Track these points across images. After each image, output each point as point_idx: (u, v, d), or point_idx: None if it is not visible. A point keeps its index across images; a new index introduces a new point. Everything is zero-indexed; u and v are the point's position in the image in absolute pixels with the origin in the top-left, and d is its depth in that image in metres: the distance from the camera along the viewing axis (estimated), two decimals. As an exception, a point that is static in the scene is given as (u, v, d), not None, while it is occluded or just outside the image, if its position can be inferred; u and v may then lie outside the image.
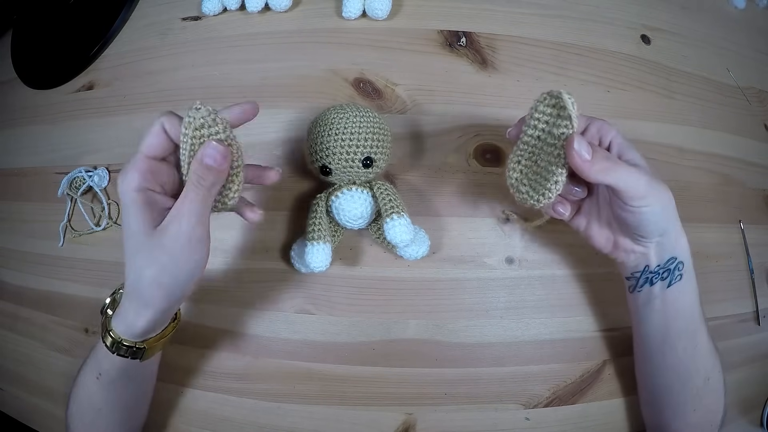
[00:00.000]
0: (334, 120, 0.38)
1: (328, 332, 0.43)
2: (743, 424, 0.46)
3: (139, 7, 0.50)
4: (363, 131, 0.37)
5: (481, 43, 0.46)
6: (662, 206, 0.33)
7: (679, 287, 0.35)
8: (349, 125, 0.37)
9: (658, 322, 0.37)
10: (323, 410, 0.43)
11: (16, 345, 0.49)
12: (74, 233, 0.47)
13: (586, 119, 0.34)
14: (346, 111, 0.38)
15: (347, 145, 0.37)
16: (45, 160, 0.50)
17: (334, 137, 0.37)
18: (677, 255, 0.35)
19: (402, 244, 0.37)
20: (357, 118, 0.38)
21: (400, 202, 0.38)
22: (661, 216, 0.33)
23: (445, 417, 0.42)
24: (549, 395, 0.43)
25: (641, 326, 0.38)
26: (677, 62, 0.49)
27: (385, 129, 0.39)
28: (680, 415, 0.37)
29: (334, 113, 0.38)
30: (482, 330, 0.42)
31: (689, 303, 0.36)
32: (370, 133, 0.37)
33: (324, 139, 0.37)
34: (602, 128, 0.34)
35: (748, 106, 0.51)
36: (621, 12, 0.49)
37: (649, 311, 0.37)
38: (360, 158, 0.37)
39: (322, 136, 0.38)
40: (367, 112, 0.39)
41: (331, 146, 0.37)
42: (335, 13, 0.46)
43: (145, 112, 0.47)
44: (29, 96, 0.52)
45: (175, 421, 0.44)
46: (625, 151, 0.34)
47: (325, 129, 0.38)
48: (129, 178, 0.29)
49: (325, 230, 0.38)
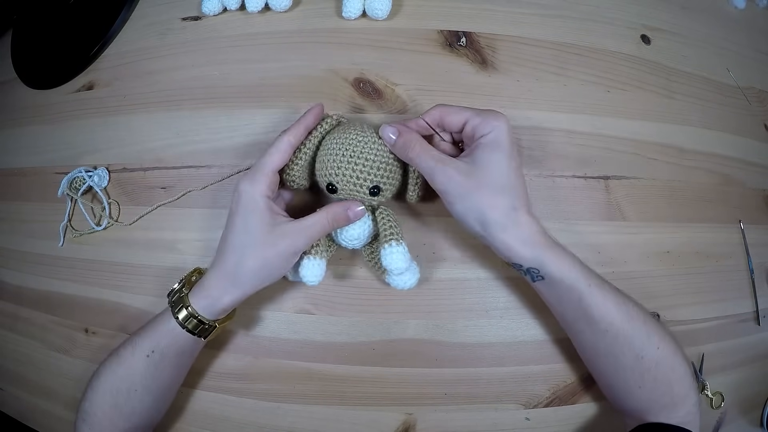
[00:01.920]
0: (351, 142, 0.37)
1: (328, 332, 0.43)
2: (743, 424, 0.46)
3: (139, 7, 0.50)
4: (378, 160, 0.37)
5: (481, 43, 0.46)
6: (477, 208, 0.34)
7: (545, 284, 0.36)
8: (365, 151, 0.37)
9: (551, 306, 0.38)
10: (323, 410, 0.43)
11: (16, 345, 0.49)
12: (75, 233, 0.47)
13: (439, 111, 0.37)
14: (365, 135, 0.37)
15: (359, 170, 0.36)
16: (45, 160, 0.50)
17: (348, 160, 0.36)
18: (522, 262, 0.34)
19: (397, 272, 0.37)
20: (375, 145, 0.37)
21: (400, 230, 0.38)
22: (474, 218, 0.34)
23: (445, 417, 0.42)
24: (549, 395, 0.43)
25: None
26: (677, 62, 0.49)
27: (398, 162, 0.38)
28: (629, 393, 0.37)
29: (353, 134, 0.37)
30: (482, 330, 0.42)
31: (566, 295, 0.35)
32: (384, 164, 0.37)
33: (337, 159, 0.37)
34: (446, 112, 0.36)
35: (748, 106, 0.51)
36: (621, 12, 0.49)
37: (542, 297, 0.38)
38: (369, 186, 0.37)
39: (335, 155, 0.37)
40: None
41: (342, 168, 0.37)
42: (335, 13, 0.46)
43: (145, 112, 0.47)
44: (29, 96, 0.52)
45: (175, 421, 0.44)
46: (480, 130, 0.35)
47: (340, 149, 0.37)
48: (258, 188, 0.35)
49: (323, 246, 0.38)
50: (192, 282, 0.39)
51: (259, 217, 0.35)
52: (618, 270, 0.43)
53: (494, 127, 0.34)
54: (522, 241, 0.34)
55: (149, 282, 0.45)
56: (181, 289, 0.38)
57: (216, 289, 0.36)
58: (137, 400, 0.38)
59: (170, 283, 0.44)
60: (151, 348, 0.37)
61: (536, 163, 0.44)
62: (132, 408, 0.38)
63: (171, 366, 0.38)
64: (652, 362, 0.36)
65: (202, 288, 0.37)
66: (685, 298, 0.45)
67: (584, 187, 0.44)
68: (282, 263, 0.36)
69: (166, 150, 0.46)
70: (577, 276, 0.35)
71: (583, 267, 0.36)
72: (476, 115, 0.35)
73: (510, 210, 0.34)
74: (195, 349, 0.39)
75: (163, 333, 0.37)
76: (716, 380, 0.45)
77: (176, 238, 0.45)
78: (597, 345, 0.37)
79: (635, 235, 0.44)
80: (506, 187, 0.34)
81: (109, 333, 0.46)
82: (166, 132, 0.46)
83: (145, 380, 0.37)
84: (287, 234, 0.35)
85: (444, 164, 0.34)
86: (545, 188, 0.44)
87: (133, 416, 0.38)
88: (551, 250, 0.35)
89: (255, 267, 0.35)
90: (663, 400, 0.36)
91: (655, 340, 0.36)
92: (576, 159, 0.44)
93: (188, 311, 0.36)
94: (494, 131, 0.34)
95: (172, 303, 0.37)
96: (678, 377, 0.36)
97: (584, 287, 0.35)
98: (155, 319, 0.38)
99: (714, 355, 0.45)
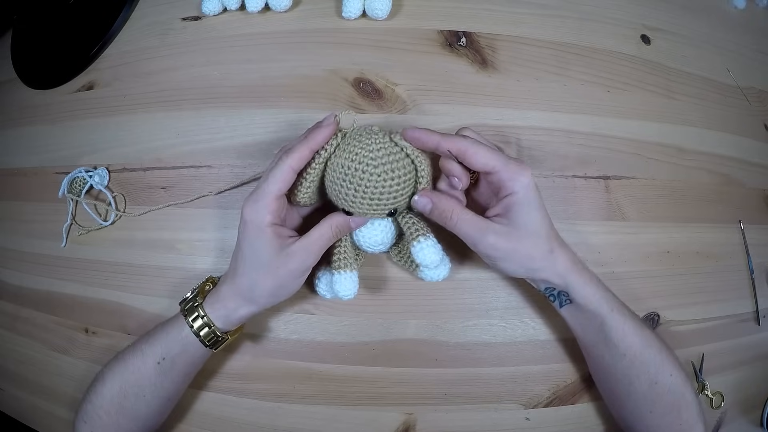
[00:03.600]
0: (363, 172, 0.34)
1: (328, 332, 0.43)
2: (743, 424, 0.46)
3: (139, 7, 0.50)
4: (394, 186, 0.35)
5: (481, 43, 0.46)
6: (519, 262, 0.36)
7: (572, 309, 0.37)
8: (379, 182, 0.34)
9: (575, 330, 0.39)
10: (323, 410, 0.43)
11: (16, 345, 0.49)
12: (82, 230, 0.47)
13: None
14: (376, 161, 0.34)
15: (376, 202, 0.35)
16: (45, 160, 0.50)
17: (362, 194, 0.34)
18: (554, 283, 0.36)
19: (432, 265, 0.37)
20: (388, 170, 0.34)
21: (424, 224, 0.37)
22: (516, 270, 0.36)
23: (445, 417, 0.42)
24: (549, 395, 0.43)
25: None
26: (677, 62, 0.49)
27: (411, 172, 0.36)
28: (640, 417, 0.38)
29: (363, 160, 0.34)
30: (482, 330, 0.42)
31: (589, 319, 0.37)
32: (400, 187, 0.35)
33: (350, 193, 0.35)
34: (473, 151, 0.35)
35: (748, 106, 0.51)
36: (621, 12, 0.49)
37: (565, 320, 0.39)
38: (385, 212, 0.36)
39: (347, 187, 0.35)
40: (397, 155, 0.35)
41: (357, 200, 0.35)
42: (335, 13, 0.46)
43: (145, 112, 0.47)
44: (29, 96, 0.52)
45: (174, 421, 0.44)
46: (507, 188, 0.35)
47: (352, 181, 0.34)
48: (262, 217, 0.34)
49: (351, 258, 0.38)
50: (205, 291, 0.39)
51: (268, 245, 0.35)
52: (618, 270, 0.43)
53: (522, 185, 0.34)
54: (557, 274, 0.36)
55: (149, 282, 0.45)
56: (194, 299, 0.38)
57: (231, 302, 0.37)
58: (144, 405, 0.38)
59: (170, 283, 0.44)
60: (162, 355, 0.37)
61: (536, 163, 0.44)
62: (138, 412, 0.38)
63: (180, 374, 0.38)
64: (665, 389, 0.37)
65: (217, 299, 0.37)
66: (685, 298, 0.45)
67: (584, 187, 0.44)
68: (295, 281, 0.36)
69: (166, 150, 0.46)
70: (600, 302, 0.36)
71: (606, 292, 0.37)
72: (504, 166, 0.34)
73: (547, 253, 0.35)
74: (204, 358, 0.40)
75: (175, 341, 0.37)
76: (716, 380, 0.45)
77: (176, 238, 0.45)
78: (614, 368, 0.37)
79: (635, 235, 0.44)
80: (542, 236, 0.35)
81: (109, 333, 0.46)
82: (166, 132, 0.46)
83: (154, 386, 0.37)
84: (296, 253, 0.35)
85: (484, 232, 0.35)
86: (545, 188, 0.44)
87: (138, 420, 0.38)
88: (580, 276, 0.36)
89: (269, 288, 0.36)
90: (672, 427, 0.37)
91: (668, 367, 0.37)
92: (576, 159, 0.44)
93: (203, 321, 0.37)
94: (523, 190, 0.34)
95: (185, 312, 0.38)
96: (687, 405, 0.37)
97: (606, 312, 0.36)
98: (166, 326, 0.38)
99: (714, 355, 0.45)
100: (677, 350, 0.43)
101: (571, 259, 0.36)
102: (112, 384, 0.38)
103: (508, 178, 0.34)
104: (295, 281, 0.36)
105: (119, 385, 0.38)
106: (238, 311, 0.37)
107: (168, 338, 0.37)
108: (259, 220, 0.34)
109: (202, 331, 0.37)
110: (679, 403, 0.37)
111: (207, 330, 0.37)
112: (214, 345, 0.38)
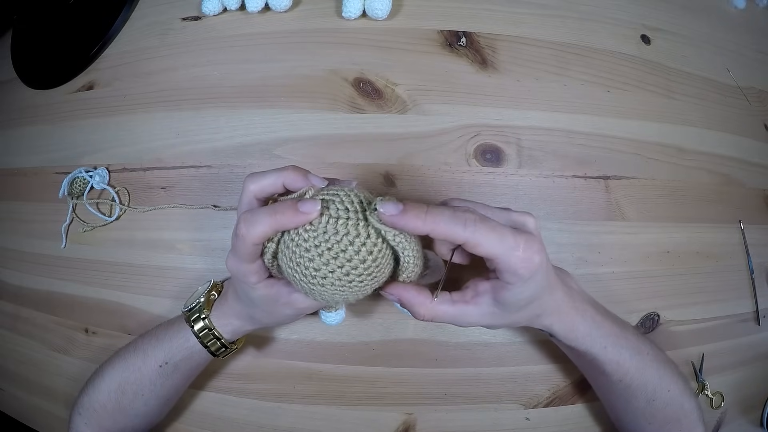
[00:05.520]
0: (317, 281, 0.27)
1: (328, 332, 0.43)
2: (743, 424, 0.46)
3: (139, 7, 0.50)
4: (362, 284, 0.28)
5: (481, 43, 0.46)
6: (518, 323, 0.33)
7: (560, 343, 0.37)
8: (339, 284, 0.27)
9: (568, 354, 0.39)
10: (323, 410, 0.43)
11: (16, 345, 0.49)
12: (86, 227, 0.47)
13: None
14: (330, 266, 0.27)
15: (342, 299, 0.29)
16: (45, 160, 0.50)
17: (325, 293, 0.28)
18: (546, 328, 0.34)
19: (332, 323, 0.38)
20: (352, 272, 0.27)
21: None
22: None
23: (445, 417, 0.42)
24: (549, 395, 0.43)
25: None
26: (677, 62, 0.49)
27: (387, 256, 0.28)
28: (638, 427, 0.38)
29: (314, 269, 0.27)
30: (482, 330, 0.42)
31: (581, 354, 0.35)
32: (370, 281, 0.28)
33: (308, 291, 0.29)
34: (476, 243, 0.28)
35: (748, 106, 0.51)
36: (621, 12, 0.49)
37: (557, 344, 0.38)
38: (356, 298, 0.30)
39: (302, 286, 0.28)
40: (361, 251, 0.27)
41: (321, 297, 0.29)
42: (335, 13, 0.46)
43: (145, 112, 0.47)
44: (29, 96, 0.52)
45: (174, 421, 0.44)
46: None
47: (307, 284, 0.28)
48: (248, 278, 0.31)
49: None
50: (211, 302, 0.38)
51: (260, 298, 0.33)
52: (618, 270, 0.43)
53: (522, 280, 0.29)
54: (542, 325, 0.34)
55: (149, 282, 0.45)
56: (201, 310, 0.37)
57: (237, 320, 0.37)
58: (142, 404, 0.38)
59: (170, 283, 0.44)
60: (165, 360, 0.37)
61: (536, 163, 0.44)
62: (135, 410, 0.38)
63: (182, 378, 0.39)
64: (663, 404, 0.36)
65: (223, 314, 0.37)
66: (685, 298, 0.45)
67: (584, 187, 0.44)
68: (293, 317, 0.36)
69: (166, 150, 0.46)
70: (590, 342, 0.34)
71: (599, 327, 0.35)
72: (509, 256, 0.28)
73: (534, 318, 0.33)
74: (207, 363, 0.40)
75: (180, 348, 0.37)
76: (716, 380, 0.45)
77: (176, 238, 0.45)
78: (610, 390, 0.37)
79: (635, 235, 0.44)
80: (532, 307, 0.32)
81: (109, 333, 0.46)
82: (166, 132, 0.46)
83: (154, 387, 0.37)
84: (291, 302, 0.32)
85: (465, 319, 0.32)
86: (545, 188, 0.44)
87: (136, 417, 0.39)
88: (566, 321, 0.34)
89: (268, 321, 0.36)
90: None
91: (666, 383, 0.36)
92: (576, 159, 0.44)
93: (211, 333, 0.37)
94: (520, 284, 0.29)
95: (192, 322, 0.37)
96: (686, 414, 0.37)
97: (599, 350, 0.35)
98: (170, 331, 0.38)
99: (714, 355, 0.45)
100: (677, 350, 0.43)
101: (567, 302, 0.33)
102: (110, 380, 0.38)
103: (507, 270, 0.28)
104: (294, 316, 0.36)
105: (118, 382, 0.38)
106: (244, 327, 0.37)
107: (172, 344, 0.37)
108: (245, 280, 0.31)
109: (209, 341, 0.37)
110: (678, 414, 0.37)
111: (214, 340, 0.37)
112: (221, 354, 0.38)
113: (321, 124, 0.44)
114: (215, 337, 0.37)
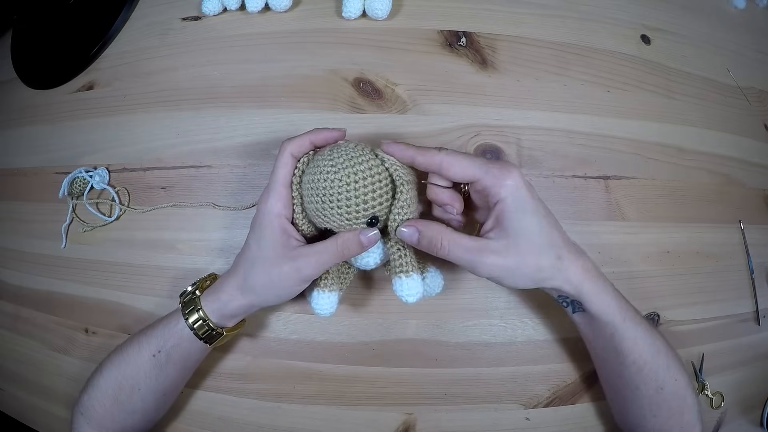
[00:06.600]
0: (325, 183, 0.33)
1: (328, 332, 0.43)
2: (743, 424, 0.46)
3: (139, 7, 0.50)
4: (360, 189, 0.33)
5: (481, 43, 0.46)
6: (525, 275, 0.34)
7: (585, 316, 0.36)
8: (343, 188, 0.33)
9: (585, 336, 0.39)
10: (323, 410, 0.43)
11: (15, 345, 0.49)
12: (86, 227, 0.47)
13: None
14: (336, 168, 0.33)
15: (345, 210, 0.33)
16: (45, 160, 0.50)
17: (329, 204, 0.33)
18: (566, 292, 0.34)
19: (412, 300, 0.35)
20: (351, 175, 0.33)
21: (410, 257, 0.35)
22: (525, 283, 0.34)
23: (445, 417, 0.42)
24: (549, 395, 0.43)
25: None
26: (677, 62, 0.49)
27: (384, 178, 0.34)
28: (643, 420, 0.38)
29: (325, 173, 0.33)
30: (482, 330, 0.42)
31: (602, 328, 0.35)
32: (369, 189, 0.33)
33: (318, 206, 0.34)
34: (449, 163, 0.33)
35: (748, 106, 0.51)
36: (621, 12, 0.49)
37: (577, 327, 0.38)
38: (362, 221, 0.34)
39: (316, 200, 0.34)
40: (363, 164, 0.34)
41: (329, 213, 0.34)
42: (335, 13, 0.46)
43: (145, 112, 0.47)
44: (29, 96, 0.52)
45: (174, 421, 0.44)
46: (495, 195, 0.33)
47: (318, 192, 0.34)
48: (271, 204, 0.35)
49: (332, 278, 0.37)
50: (205, 287, 0.39)
51: (271, 237, 0.35)
52: (618, 270, 0.43)
53: (509, 189, 0.32)
54: (569, 282, 0.34)
55: (149, 282, 0.45)
56: (194, 292, 0.38)
57: (226, 294, 0.37)
58: (139, 399, 0.38)
59: (170, 283, 0.44)
60: (158, 348, 0.37)
61: (536, 163, 0.44)
62: (134, 406, 0.38)
63: (175, 369, 0.38)
64: (671, 394, 0.36)
65: (213, 292, 0.37)
66: (685, 298, 0.45)
67: (584, 187, 0.44)
68: (288, 285, 0.35)
69: (166, 150, 0.46)
70: (614, 312, 0.35)
71: (620, 300, 0.36)
72: (485, 172, 0.32)
73: (556, 261, 0.33)
74: (200, 354, 0.39)
75: (171, 334, 0.37)
76: (716, 380, 0.45)
77: (176, 238, 0.45)
78: (622, 374, 0.37)
79: (635, 235, 0.44)
80: (546, 244, 0.33)
81: (109, 333, 0.46)
82: (166, 132, 0.46)
83: (149, 380, 0.37)
84: (294, 258, 0.34)
85: (480, 254, 0.32)
86: (545, 188, 0.44)
87: (135, 414, 0.39)
88: (594, 285, 0.34)
89: (260, 283, 0.35)
90: (673, 430, 0.37)
91: (674, 372, 0.37)
92: (576, 159, 0.44)
93: (199, 314, 0.37)
94: (510, 194, 0.32)
95: (183, 303, 0.38)
96: (689, 408, 0.37)
97: (619, 322, 0.35)
98: (163, 320, 0.38)
99: (714, 355, 0.45)
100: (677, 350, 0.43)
101: (583, 267, 0.34)
102: (109, 376, 0.38)
103: (492, 184, 0.32)
104: (287, 286, 0.35)
105: (116, 377, 0.38)
106: (230, 304, 0.37)
107: (164, 331, 0.38)
108: (268, 209, 0.35)
109: (197, 324, 0.37)
110: (682, 407, 0.37)
111: (201, 323, 0.37)
112: (209, 339, 0.38)
113: (321, 124, 0.44)
114: (201, 319, 0.36)
